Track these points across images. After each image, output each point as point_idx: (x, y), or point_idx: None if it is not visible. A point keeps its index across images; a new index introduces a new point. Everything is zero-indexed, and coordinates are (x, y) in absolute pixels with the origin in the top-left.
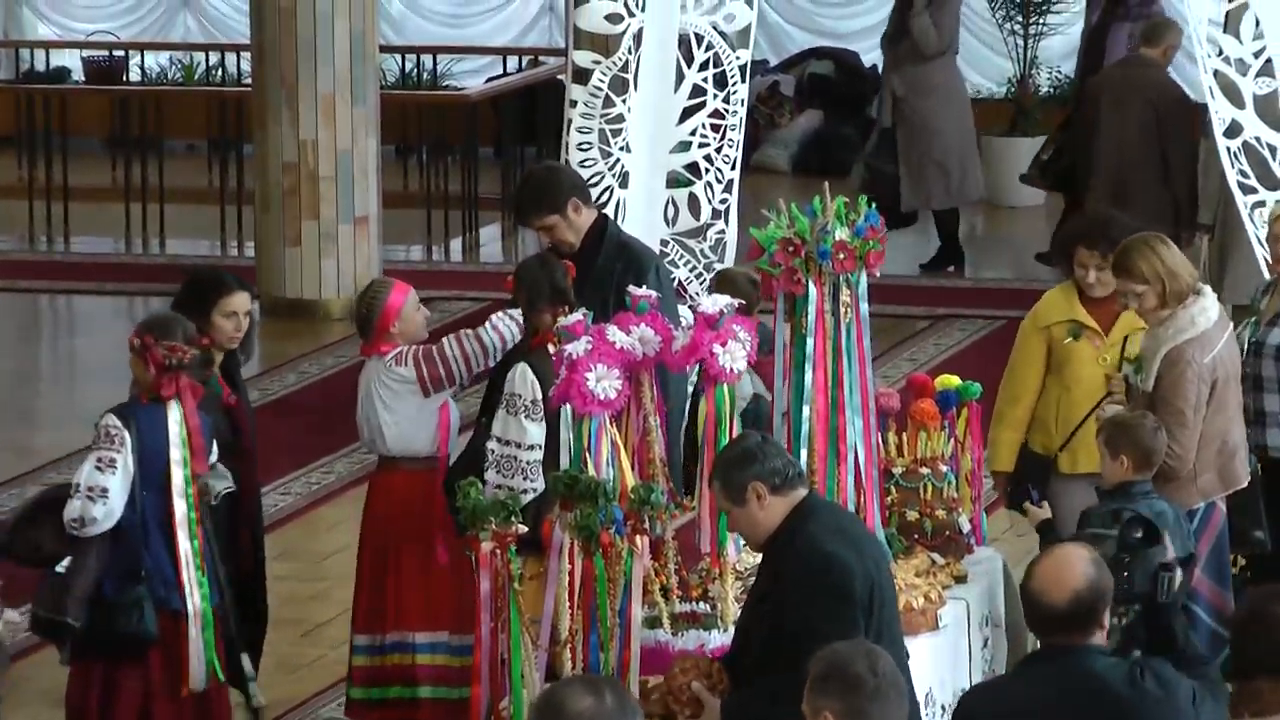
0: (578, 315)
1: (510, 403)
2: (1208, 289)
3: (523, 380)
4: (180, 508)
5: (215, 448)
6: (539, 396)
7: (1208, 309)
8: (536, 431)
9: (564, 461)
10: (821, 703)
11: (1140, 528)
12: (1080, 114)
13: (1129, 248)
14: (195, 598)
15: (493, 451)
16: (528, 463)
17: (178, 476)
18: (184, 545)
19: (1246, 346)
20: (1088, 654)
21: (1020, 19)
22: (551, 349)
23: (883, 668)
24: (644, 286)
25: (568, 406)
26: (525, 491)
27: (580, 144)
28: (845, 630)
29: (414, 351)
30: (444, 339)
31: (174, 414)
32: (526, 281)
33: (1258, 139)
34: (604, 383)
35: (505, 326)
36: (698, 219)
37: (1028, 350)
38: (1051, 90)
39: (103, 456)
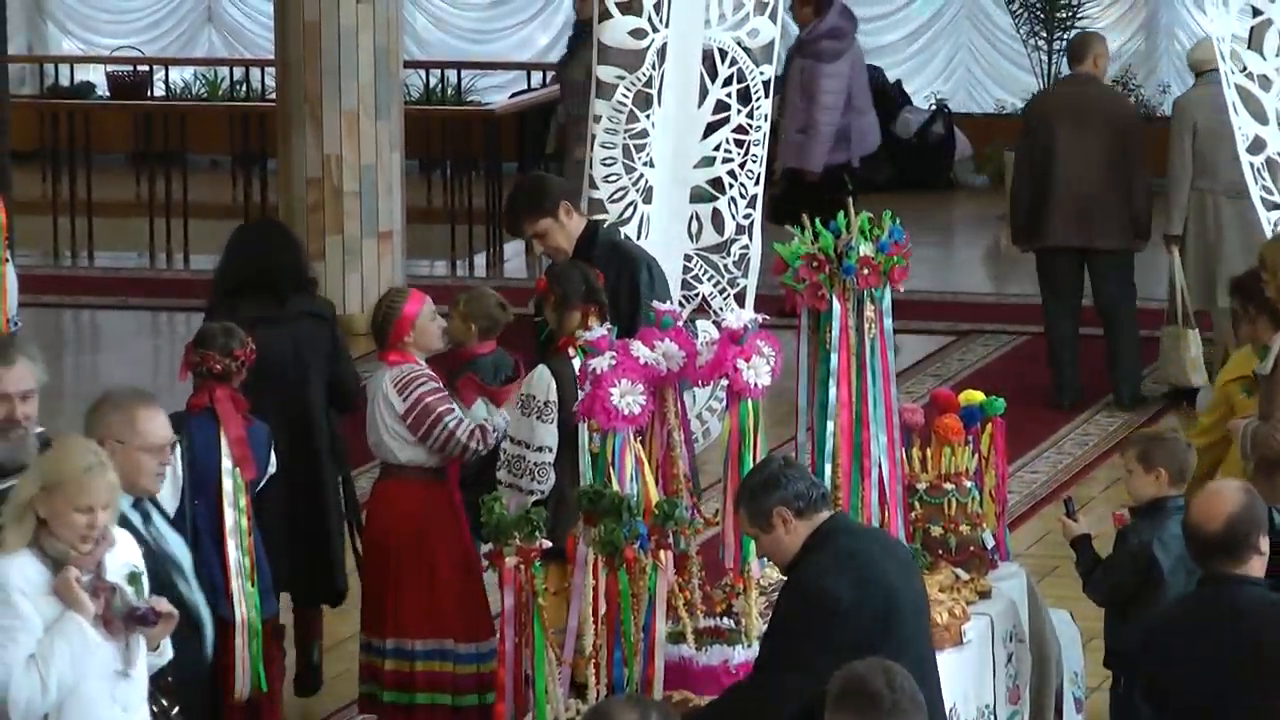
0: (602, 330)
1: (525, 403)
2: None
3: (540, 382)
4: (230, 517)
5: (274, 460)
6: (553, 399)
7: None
8: (546, 433)
9: (583, 472)
10: (840, 719)
11: None
12: (1026, 147)
13: (1271, 244)
14: (243, 608)
15: (504, 450)
16: (535, 464)
17: (228, 485)
18: (233, 555)
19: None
20: (1241, 585)
21: (1044, 33)
22: (573, 353)
23: (900, 684)
24: (639, 284)
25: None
26: (532, 493)
27: (604, 159)
28: (807, 658)
29: (420, 391)
30: (451, 417)
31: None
32: (561, 279)
33: None
34: (628, 398)
35: (490, 438)
36: (721, 234)
37: None
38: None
39: None
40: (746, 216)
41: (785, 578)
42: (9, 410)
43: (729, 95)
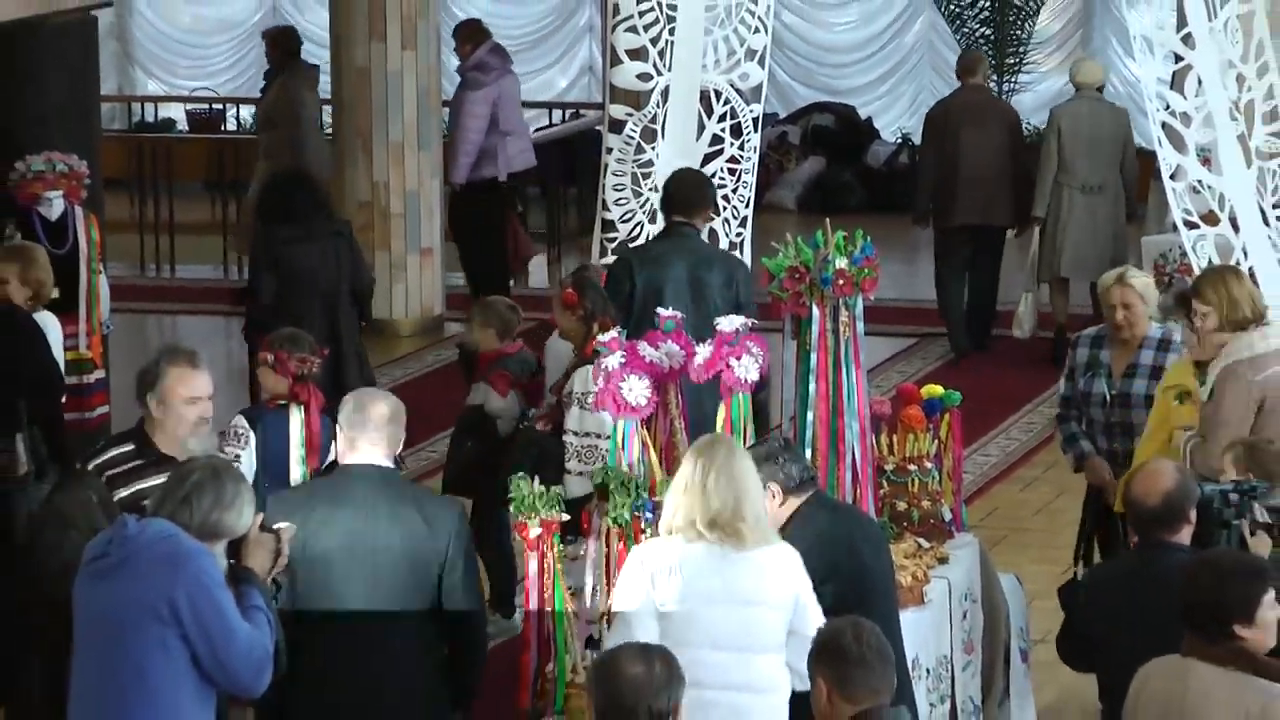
0: (614, 332)
1: (583, 400)
2: (1278, 322)
3: (590, 379)
4: None
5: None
6: None
7: (1269, 336)
8: (607, 422)
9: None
10: (817, 670)
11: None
12: (933, 143)
13: (1203, 277)
14: None
15: (570, 444)
16: (605, 450)
17: (295, 475)
18: None
19: (1108, 397)
20: (1173, 550)
21: (995, 77)
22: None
23: (867, 639)
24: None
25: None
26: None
27: (615, 185)
28: None
29: None
30: None
31: (296, 417)
32: (590, 292)
33: (1200, 182)
34: (635, 392)
35: None
36: None
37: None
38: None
39: (228, 452)
40: (739, 234)
41: None
42: (203, 410)
43: (723, 130)
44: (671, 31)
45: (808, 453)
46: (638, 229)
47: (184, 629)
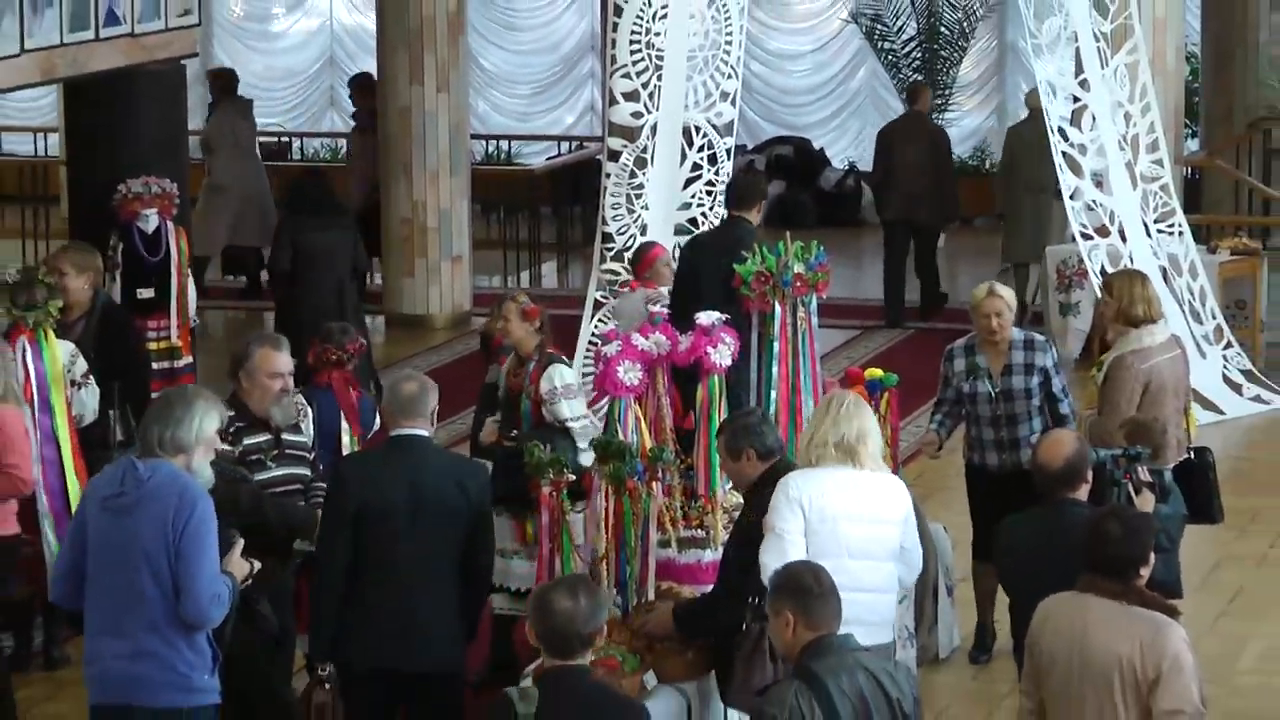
0: (608, 326)
1: (566, 393)
2: (1164, 323)
3: (563, 376)
4: None
5: (377, 420)
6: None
7: (1154, 333)
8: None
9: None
10: (780, 604)
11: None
12: (880, 155)
13: (1118, 273)
14: None
15: (574, 429)
16: (597, 425)
17: (345, 440)
18: None
19: (993, 395)
20: (1072, 506)
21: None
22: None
23: (824, 579)
24: None
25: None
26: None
27: (612, 204)
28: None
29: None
30: None
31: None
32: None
33: (1094, 201)
34: (630, 374)
35: None
36: None
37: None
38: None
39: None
40: None
41: (742, 499)
42: (284, 383)
43: (701, 159)
44: (659, 78)
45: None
46: (631, 239)
47: (170, 552)
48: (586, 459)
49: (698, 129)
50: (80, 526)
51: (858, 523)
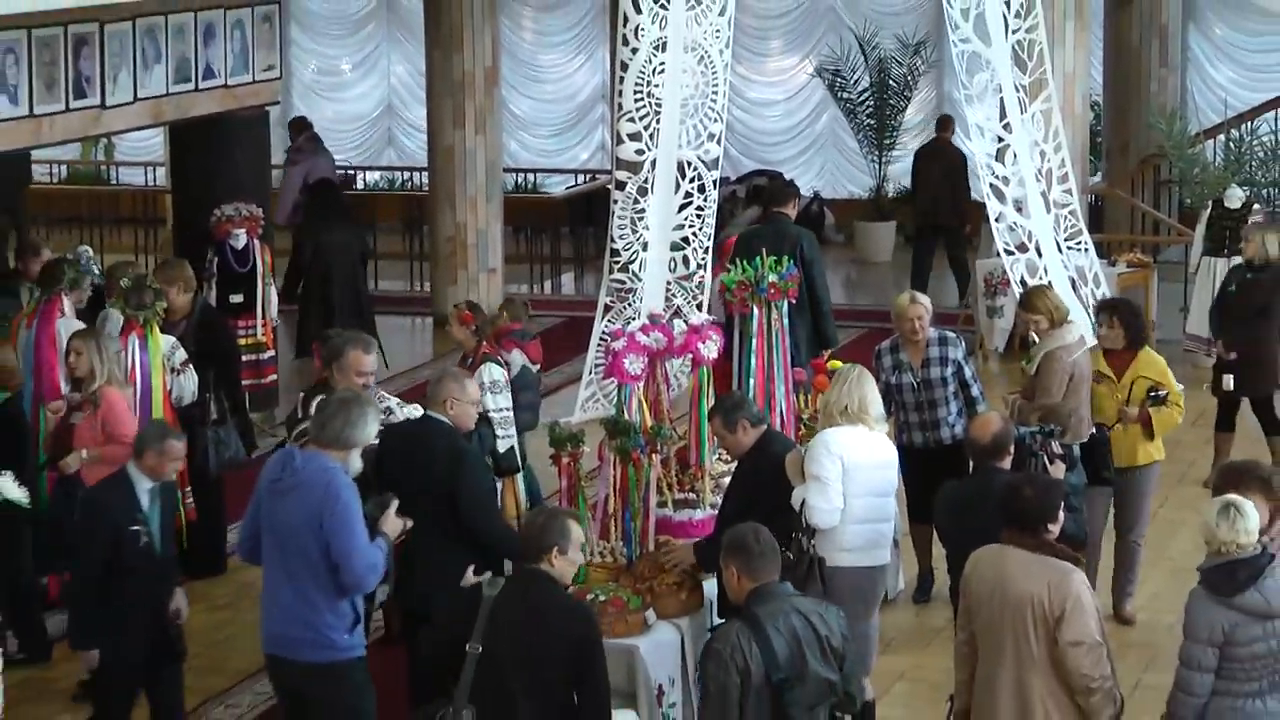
0: (615, 325)
1: (493, 388)
2: (1074, 320)
3: (492, 373)
4: None
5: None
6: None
7: (1073, 330)
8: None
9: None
10: (728, 560)
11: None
12: (915, 170)
13: (1032, 293)
14: None
15: (493, 419)
16: (505, 418)
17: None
18: None
19: (915, 384)
20: (996, 473)
21: (876, 152)
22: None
23: (764, 538)
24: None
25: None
26: (508, 437)
27: (619, 225)
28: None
29: None
30: None
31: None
32: (478, 314)
33: (1015, 223)
34: (634, 365)
35: None
36: (689, 269)
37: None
38: (897, 194)
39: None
40: (702, 261)
41: (728, 467)
42: (366, 381)
43: (692, 188)
44: (658, 121)
45: None
46: (634, 254)
47: (325, 533)
48: (503, 445)
49: (689, 164)
50: (257, 500)
51: (875, 469)
